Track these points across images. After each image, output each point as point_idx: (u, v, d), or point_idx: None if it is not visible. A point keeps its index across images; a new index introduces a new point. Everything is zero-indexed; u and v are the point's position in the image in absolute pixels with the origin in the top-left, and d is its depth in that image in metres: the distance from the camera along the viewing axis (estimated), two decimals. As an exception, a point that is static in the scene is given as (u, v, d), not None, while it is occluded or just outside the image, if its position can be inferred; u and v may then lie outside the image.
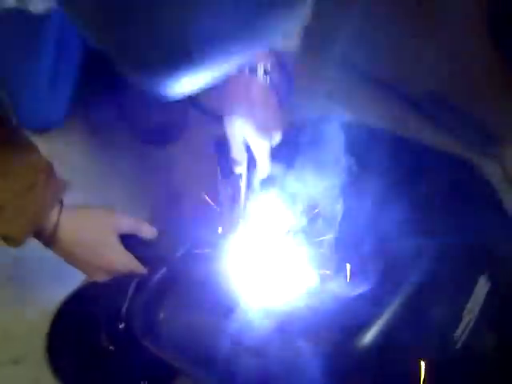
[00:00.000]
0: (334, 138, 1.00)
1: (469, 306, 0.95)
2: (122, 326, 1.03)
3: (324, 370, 0.84)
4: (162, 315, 1.01)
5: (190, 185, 1.29)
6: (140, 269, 0.98)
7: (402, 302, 0.89)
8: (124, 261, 0.96)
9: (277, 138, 1.01)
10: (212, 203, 1.00)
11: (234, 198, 1.04)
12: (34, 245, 0.93)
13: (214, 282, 1.01)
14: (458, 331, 0.92)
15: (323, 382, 0.86)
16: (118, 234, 0.96)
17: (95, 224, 0.96)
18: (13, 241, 0.88)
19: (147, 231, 0.99)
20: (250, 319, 0.90)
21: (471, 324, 0.94)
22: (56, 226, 0.90)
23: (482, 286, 0.98)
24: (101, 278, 0.96)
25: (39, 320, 1.14)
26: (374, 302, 0.89)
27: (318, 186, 0.98)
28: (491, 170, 1.29)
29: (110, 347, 1.08)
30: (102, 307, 1.09)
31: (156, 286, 1.06)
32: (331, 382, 0.86)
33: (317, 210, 1.01)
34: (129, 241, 0.98)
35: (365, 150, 1.09)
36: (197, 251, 1.05)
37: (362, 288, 0.91)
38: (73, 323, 1.13)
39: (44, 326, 1.14)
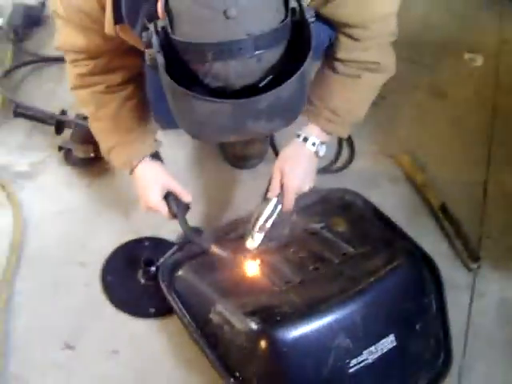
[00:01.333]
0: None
1: (372, 349, 1.30)
2: (153, 269, 1.50)
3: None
4: (179, 273, 1.48)
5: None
6: (164, 214, 1.45)
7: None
8: (156, 203, 1.43)
9: (305, 190, 1.45)
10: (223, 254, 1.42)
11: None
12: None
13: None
14: (353, 361, 1.27)
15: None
16: (163, 187, 1.44)
17: (153, 176, 1.45)
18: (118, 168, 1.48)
19: (183, 196, 1.46)
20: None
21: (367, 362, 1.28)
22: (134, 168, 1.44)
23: (389, 342, 1.32)
24: (143, 208, 1.46)
25: (106, 247, 1.59)
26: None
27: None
28: (461, 281, 1.59)
29: (142, 281, 1.53)
30: (145, 254, 1.54)
31: (184, 255, 1.52)
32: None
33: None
34: (171, 196, 1.45)
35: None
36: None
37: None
38: (125, 257, 1.58)
39: (107, 253, 1.58)
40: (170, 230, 1.60)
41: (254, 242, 1.43)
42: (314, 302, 1.30)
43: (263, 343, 1.25)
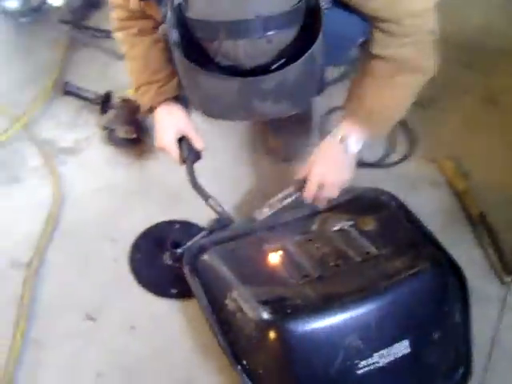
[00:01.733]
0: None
1: (383, 352, 1.27)
2: (179, 252, 1.52)
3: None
4: (203, 257, 1.49)
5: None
6: (174, 156, 1.51)
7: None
8: (168, 145, 1.50)
9: (329, 184, 1.45)
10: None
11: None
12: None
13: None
14: (363, 362, 1.26)
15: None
16: (179, 131, 1.51)
17: (172, 118, 1.51)
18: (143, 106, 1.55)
19: (197, 143, 1.52)
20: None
21: (377, 365, 1.26)
22: (157, 108, 1.50)
23: (403, 347, 1.29)
24: (156, 146, 1.52)
25: (139, 226, 1.62)
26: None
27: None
28: (492, 293, 1.53)
29: (168, 262, 1.55)
30: (174, 236, 1.56)
31: (211, 241, 1.53)
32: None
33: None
34: (184, 141, 1.52)
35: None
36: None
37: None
38: (154, 237, 1.61)
39: (139, 231, 1.61)
40: (202, 216, 1.62)
41: (260, 214, 1.50)
42: (329, 298, 1.29)
43: (271, 334, 1.25)
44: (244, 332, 1.30)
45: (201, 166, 1.72)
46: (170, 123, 1.50)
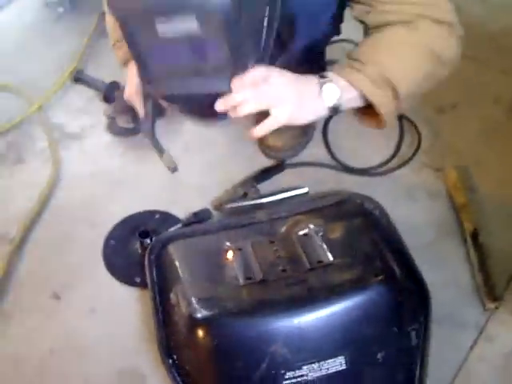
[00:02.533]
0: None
1: (314, 366, 1.21)
2: (147, 241, 1.53)
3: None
4: (170, 248, 1.47)
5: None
6: (138, 109, 1.57)
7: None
8: (131, 96, 1.55)
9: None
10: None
11: None
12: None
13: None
14: (290, 373, 1.20)
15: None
16: None
17: None
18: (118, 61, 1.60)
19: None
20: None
21: (305, 378, 1.20)
22: (129, 63, 1.53)
23: (337, 364, 1.21)
24: (124, 98, 1.58)
25: (121, 213, 1.64)
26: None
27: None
28: (471, 318, 1.39)
29: (139, 252, 1.56)
30: (143, 227, 1.56)
31: (182, 233, 1.54)
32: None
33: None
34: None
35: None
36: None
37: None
38: (132, 226, 1.61)
39: (120, 218, 1.65)
40: (191, 208, 1.63)
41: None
42: (261, 302, 1.24)
43: (198, 331, 1.23)
44: (177, 327, 1.29)
45: (195, 159, 1.76)
46: (136, 77, 1.51)
